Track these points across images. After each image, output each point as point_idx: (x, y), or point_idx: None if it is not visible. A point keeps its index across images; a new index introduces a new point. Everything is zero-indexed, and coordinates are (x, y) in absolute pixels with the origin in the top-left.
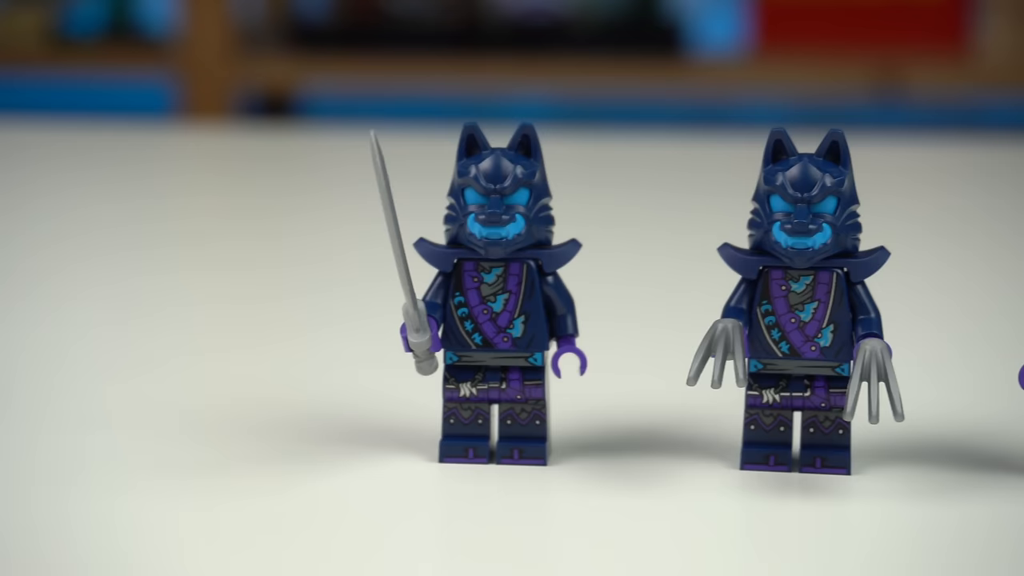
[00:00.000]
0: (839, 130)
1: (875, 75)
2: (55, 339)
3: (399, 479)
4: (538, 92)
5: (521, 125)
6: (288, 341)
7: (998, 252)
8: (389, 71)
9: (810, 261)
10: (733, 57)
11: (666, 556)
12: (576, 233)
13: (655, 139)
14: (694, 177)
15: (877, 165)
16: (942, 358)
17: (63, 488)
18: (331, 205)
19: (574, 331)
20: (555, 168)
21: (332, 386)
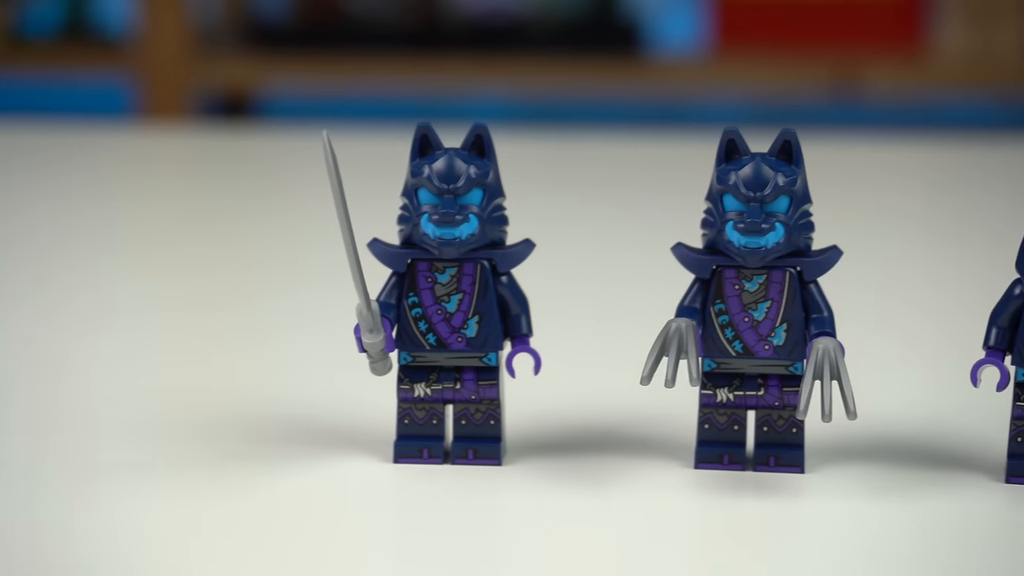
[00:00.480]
0: (791, 129)
1: (833, 74)
2: (7, 343)
3: (353, 480)
4: (497, 92)
5: (474, 125)
6: (242, 343)
7: (953, 250)
8: (348, 71)
9: (763, 260)
10: (692, 57)
11: (620, 555)
12: (535, 232)
13: (614, 138)
14: (653, 176)
15: (835, 164)
16: (895, 356)
17: (24, 489)
18: (290, 205)
19: (528, 331)
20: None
21: (287, 387)
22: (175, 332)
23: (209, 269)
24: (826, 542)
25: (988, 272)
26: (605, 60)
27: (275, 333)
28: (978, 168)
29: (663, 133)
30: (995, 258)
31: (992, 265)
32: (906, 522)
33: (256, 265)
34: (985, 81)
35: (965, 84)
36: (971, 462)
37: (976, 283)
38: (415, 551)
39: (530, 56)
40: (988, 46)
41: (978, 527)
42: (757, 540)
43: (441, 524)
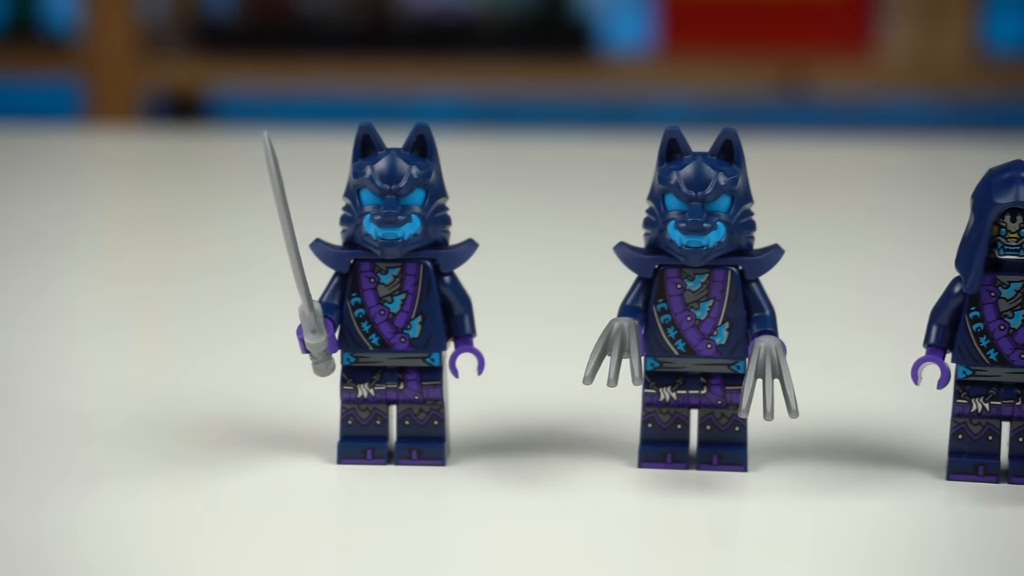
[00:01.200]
0: (732, 129)
1: (781, 74)
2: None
3: (297, 481)
4: (447, 92)
5: (416, 125)
6: (187, 345)
7: (898, 249)
8: (297, 71)
9: (705, 259)
10: (641, 57)
11: (563, 554)
12: (483, 232)
13: (564, 138)
14: (602, 175)
15: (783, 163)
16: (838, 354)
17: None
18: (239, 206)
19: (472, 331)
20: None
21: (229, 389)
22: (122, 335)
23: (157, 271)
24: (769, 540)
25: (930, 270)
26: (554, 60)
27: (219, 335)
28: (924, 167)
29: (613, 133)
30: (937, 256)
31: (934, 263)
32: (848, 520)
33: (202, 266)
34: (931, 81)
35: (912, 83)
36: (912, 459)
37: (918, 281)
38: (360, 552)
39: (479, 56)
40: (934, 46)
41: (920, 524)
42: (700, 538)
43: (385, 525)
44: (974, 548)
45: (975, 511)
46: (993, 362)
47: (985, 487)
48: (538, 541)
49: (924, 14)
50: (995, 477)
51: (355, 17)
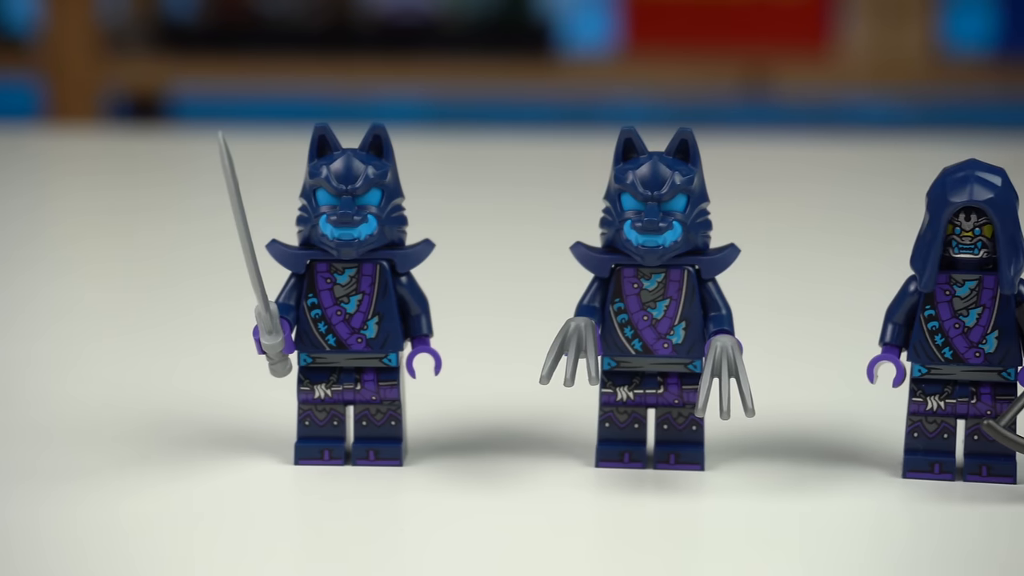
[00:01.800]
0: (688, 128)
1: (743, 73)
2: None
3: (254, 482)
4: (409, 92)
5: (372, 125)
6: (141, 346)
7: (856, 247)
8: (259, 71)
9: (661, 259)
10: (603, 56)
11: (520, 554)
12: (444, 232)
13: (526, 138)
14: (564, 175)
15: (745, 162)
16: (794, 353)
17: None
18: (199, 206)
19: (428, 331)
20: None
21: (185, 391)
22: (79, 336)
23: (115, 271)
24: (726, 539)
25: (887, 268)
26: (516, 60)
27: (176, 336)
28: (884, 166)
29: (574, 132)
30: (894, 255)
31: (892, 262)
32: (805, 518)
33: (160, 267)
34: (892, 80)
35: (872, 83)
36: (868, 458)
37: (875, 280)
38: (317, 552)
39: (441, 56)
40: (894, 45)
41: (877, 522)
42: (658, 537)
43: (343, 525)
44: (930, 545)
45: (931, 509)
46: (948, 360)
47: (941, 485)
48: (496, 541)
49: (884, 14)
50: (950, 475)
51: (316, 17)
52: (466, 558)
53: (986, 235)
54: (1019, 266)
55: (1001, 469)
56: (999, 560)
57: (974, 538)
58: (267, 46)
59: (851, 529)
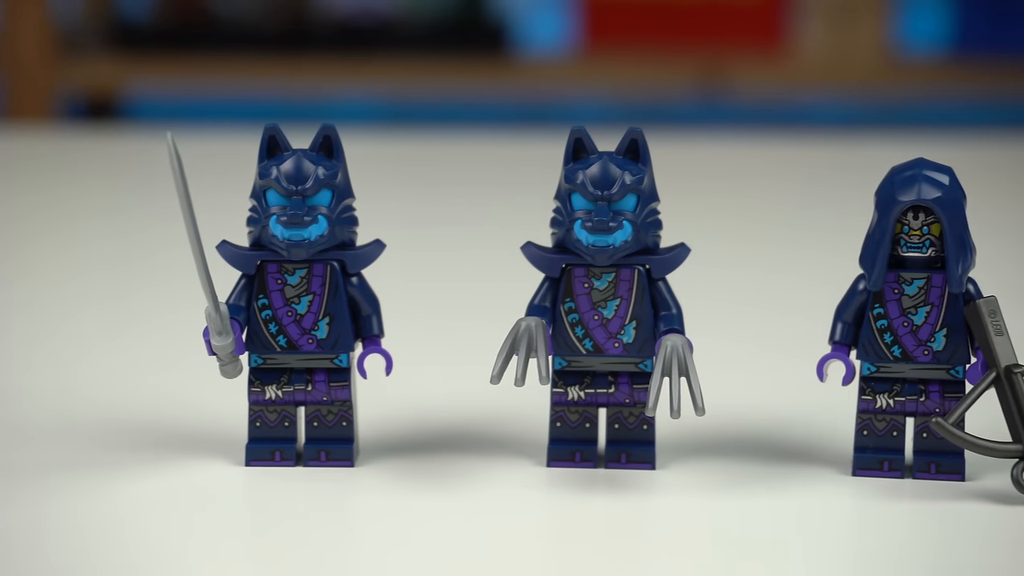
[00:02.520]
0: (638, 128)
1: (699, 74)
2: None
3: (205, 483)
4: (366, 92)
5: (323, 126)
6: (90, 346)
7: (812, 246)
8: (215, 72)
9: (611, 258)
10: (560, 56)
11: (471, 555)
12: (398, 233)
13: (483, 138)
14: (521, 175)
15: (701, 161)
16: (745, 351)
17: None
18: (154, 207)
19: (380, 331)
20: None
21: (135, 391)
22: (28, 336)
23: (68, 271)
24: (677, 537)
25: (838, 267)
26: (473, 60)
27: (125, 336)
28: (839, 165)
29: (531, 132)
30: (845, 254)
31: (842, 261)
32: (756, 516)
33: (113, 267)
34: (846, 79)
35: (827, 83)
36: (818, 456)
37: (825, 279)
38: (269, 553)
39: (398, 56)
40: (849, 45)
41: (827, 519)
42: (609, 537)
43: (294, 527)
44: (879, 543)
45: (880, 506)
46: (897, 358)
47: (890, 483)
48: (447, 542)
49: (838, 14)
50: (900, 473)
51: (273, 17)
52: (417, 558)
53: (934, 234)
54: (967, 264)
55: (949, 466)
56: (948, 557)
57: (923, 535)
58: (223, 46)
59: (801, 527)
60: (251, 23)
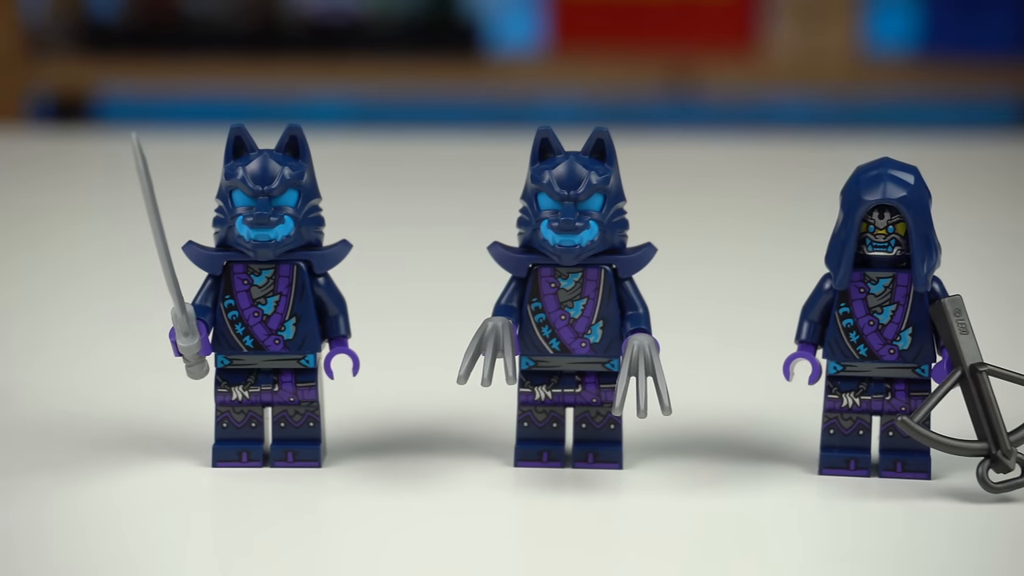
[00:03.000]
0: (604, 128)
1: (670, 74)
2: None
3: (172, 484)
4: (337, 93)
5: (289, 126)
6: (58, 347)
7: (781, 246)
8: (186, 72)
9: (578, 258)
10: (531, 56)
11: (442, 555)
12: (367, 233)
13: (454, 138)
14: (492, 175)
15: (672, 161)
16: (711, 351)
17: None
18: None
19: (346, 332)
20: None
21: (102, 393)
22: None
23: (36, 271)
24: (645, 537)
25: (805, 267)
26: (444, 60)
27: (92, 337)
28: (808, 165)
29: (503, 132)
30: (818, 253)
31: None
32: (723, 515)
33: (81, 267)
34: (815, 79)
35: (797, 83)
36: (785, 455)
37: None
38: (236, 554)
39: (369, 56)
40: (818, 45)
41: (793, 518)
42: (576, 536)
43: (261, 528)
44: (846, 541)
45: (847, 505)
46: (863, 357)
47: (856, 481)
48: (415, 542)
49: (808, 14)
50: (866, 471)
51: (243, 17)
52: (385, 559)
53: (899, 233)
54: (932, 263)
55: (915, 465)
56: (914, 555)
57: (889, 533)
58: (193, 47)
59: (768, 526)
60: (221, 23)
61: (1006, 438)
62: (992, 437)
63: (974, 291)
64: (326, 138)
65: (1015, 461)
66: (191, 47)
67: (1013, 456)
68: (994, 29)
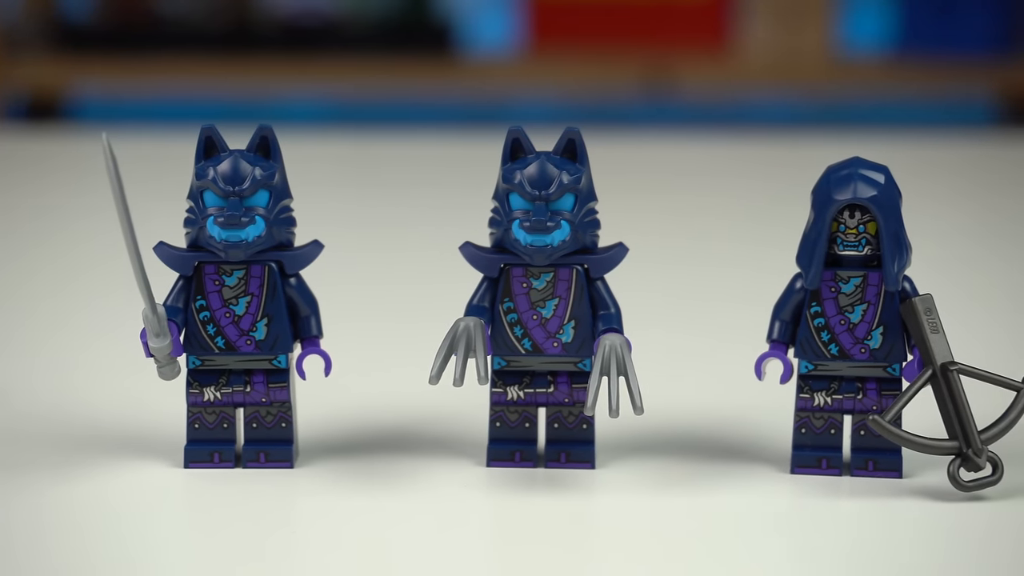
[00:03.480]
0: (575, 128)
1: (645, 73)
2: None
3: (144, 485)
4: (311, 93)
5: (260, 126)
6: (29, 348)
7: (756, 245)
8: (159, 72)
9: (549, 258)
10: (506, 56)
11: (414, 555)
12: (341, 233)
13: (429, 138)
14: (466, 175)
15: (648, 161)
16: (684, 350)
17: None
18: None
19: (318, 332)
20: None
21: (74, 393)
22: None
23: (7, 272)
24: (617, 536)
25: (777, 266)
26: (419, 60)
27: (65, 338)
28: (784, 164)
29: (478, 132)
30: (794, 251)
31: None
32: (695, 514)
33: (52, 268)
34: (791, 79)
35: (772, 82)
36: (757, 454)
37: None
38: (208, 555)
39: (343, 56)
40: (794, 45)
41: (765, 517)
42: (549, 536)
43: (233, 529)
44: (818, 540)
45: (818, 504)
46: (834, 356)
47: (828, 480)
48: (387, 542)
49: (783, 14)
50: (838, 470)
51: (217, 17)
52: (358, 559)
53: (870, 232)
54: (903, 262)
55: (887, 464)
56: (886, 553)
57: (861, 532)
58: (167, 47)
59: (740, 525)
60: (195, 23)
61: (977, 437)
62: (963, 436)
63: (947, 290)
64: (300, 138)
65: (986, 460)
66: (165, 47)
67: (984, 455)
68: (968, 29)
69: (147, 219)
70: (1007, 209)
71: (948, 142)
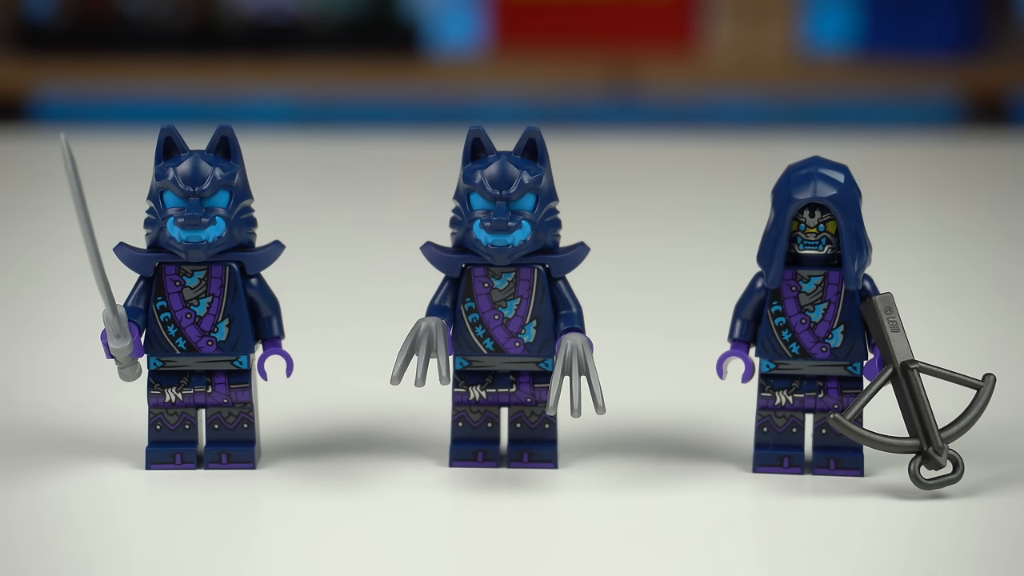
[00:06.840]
0: (536, 128)
1: (610, 73)
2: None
3: (105, 487)
4: (277, 93)
5: (220, 127)
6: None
7: (719, 245)
8: (124, 73)
9: (511, 258)
10: (471, 56)
11: (375, 556)
12: (307, 235)
13: (395, 138)
14: (431, 175)
15: (612, 161)
16: (644, 350)
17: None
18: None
19: (280, 333)
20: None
21: (32, 394)
22: None
23: None
24: (580, 535)
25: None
26: (385, 60)
27: (23, 339)
28: (749, 164)
29: (443, 132)
30: (746, 252)
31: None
32: (658, 513)
33: (10, 269)
34: (755, 78)
35: (737, 82)
36: (719, 453)
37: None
38: (170, 557)
39: (309, 56)
40: (757, 44)
41: (727, 516)
42: (512, 536)
43: (195, 530)
44: (780, 538)
45: (780, 503)
46: (796, 355)
47: (790, 479)
48: (350, 543)
49: (747, 13)
50: (799, 469)
51: (181, 17)
52: (320, 560)
53: (830, 231)
54: (863, 261)
55: (848, 462)
56: (848, 551)
57: (823, 530)
58: (131, 47)
59: (702, 523)
60: (159, 23)
61: (937, 435)
62: (924, 434)
63: (908, 290)
64: (265, 138)
65: (946, 458)
66: (128, 47)
67: (944, 453)
68: (933, 28)
69: (108, 220)
70: (970, 208)
71: (913, 141)
